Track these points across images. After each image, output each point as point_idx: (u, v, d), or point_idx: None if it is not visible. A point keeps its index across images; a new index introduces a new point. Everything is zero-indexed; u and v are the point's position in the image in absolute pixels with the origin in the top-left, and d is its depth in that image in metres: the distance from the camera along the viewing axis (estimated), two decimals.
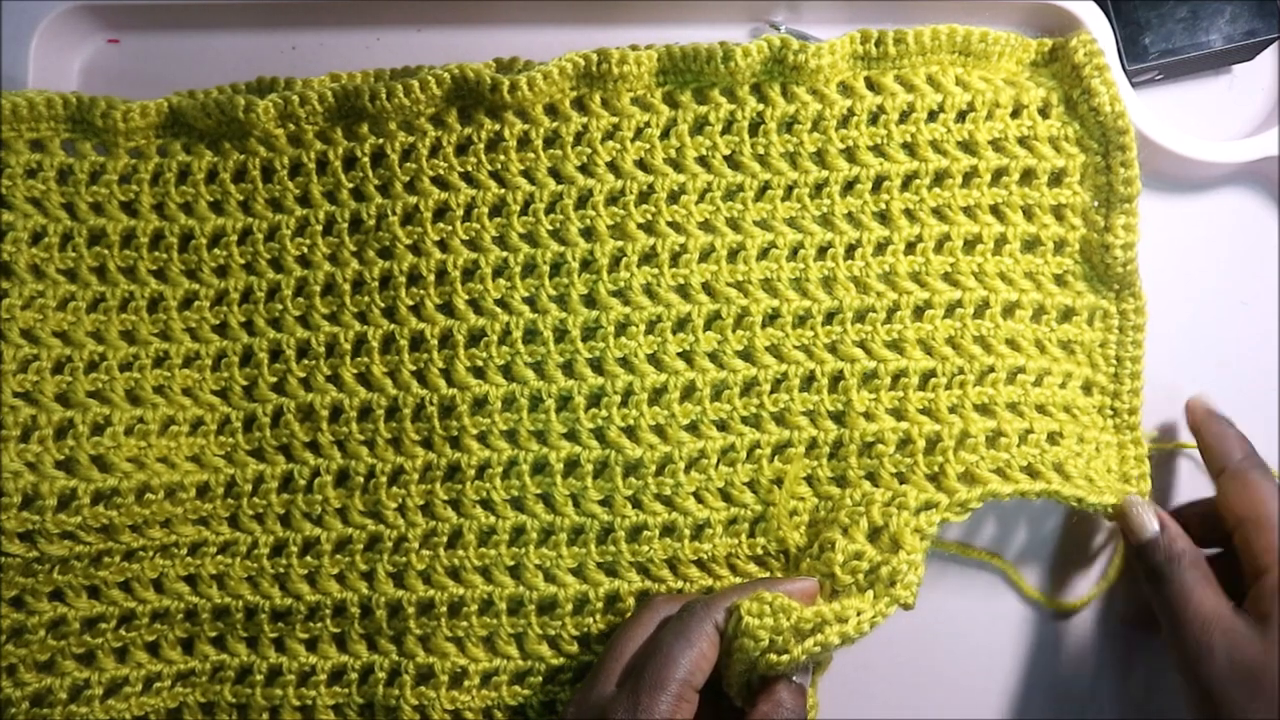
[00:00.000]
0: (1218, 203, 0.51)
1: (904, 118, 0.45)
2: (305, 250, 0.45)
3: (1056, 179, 0.46)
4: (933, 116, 0.45)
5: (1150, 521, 0.42)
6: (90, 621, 0.43)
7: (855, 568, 0.40)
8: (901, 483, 0.43)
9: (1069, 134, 0.46)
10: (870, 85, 0.46)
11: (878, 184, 0.45)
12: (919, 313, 0.45)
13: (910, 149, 0.45)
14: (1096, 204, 0.46)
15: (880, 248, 0.45)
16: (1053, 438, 0.44)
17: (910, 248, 0.45)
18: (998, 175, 0.46)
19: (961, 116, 0.46)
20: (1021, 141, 0.46)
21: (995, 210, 0.46)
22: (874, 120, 0.45)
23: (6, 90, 0.45)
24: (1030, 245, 0.46)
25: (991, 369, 0.44)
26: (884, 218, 0.45)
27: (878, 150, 0.45)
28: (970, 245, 0.45)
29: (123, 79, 0.50)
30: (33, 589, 0.42)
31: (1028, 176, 0.46)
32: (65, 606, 0.43)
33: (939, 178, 0.45)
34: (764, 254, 0.45)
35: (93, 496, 0.42)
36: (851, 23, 0.49)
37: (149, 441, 0.44)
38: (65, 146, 0.45)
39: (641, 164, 0.44)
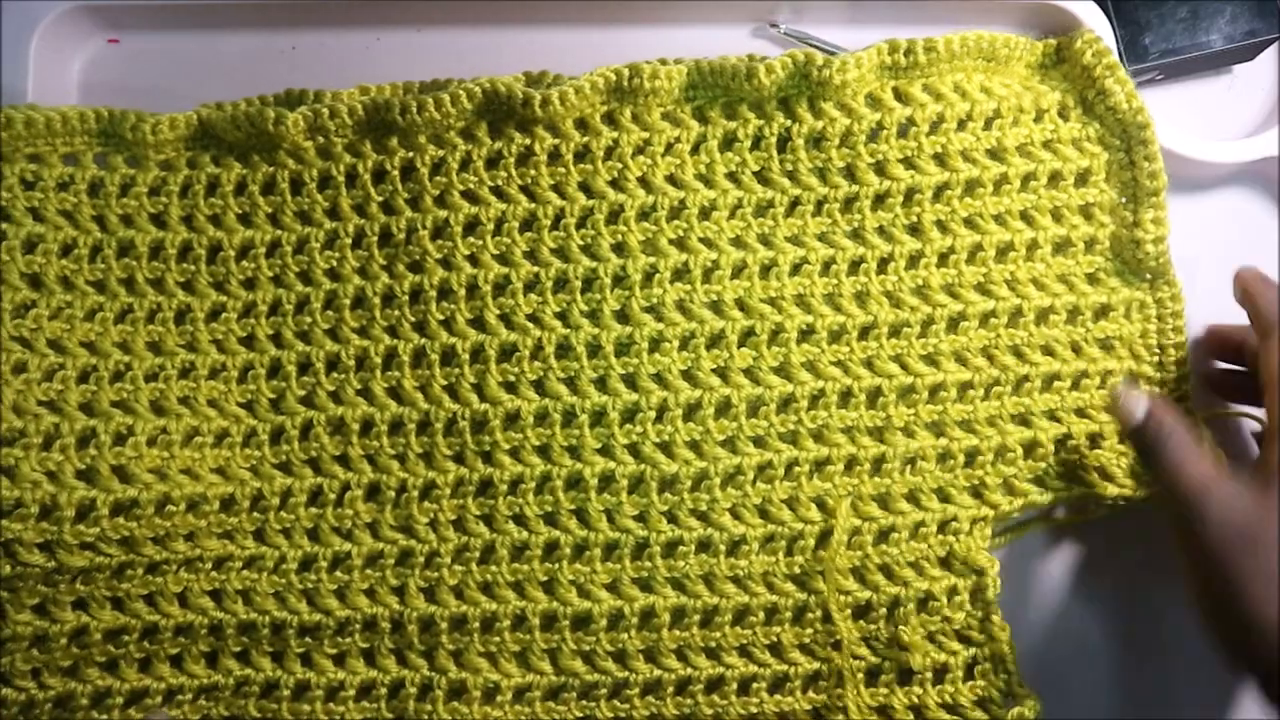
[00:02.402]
0: (1218, 203, 0.52)
1: (934, 128, 0.45)
2: (334, 263, 0.45)
3: (1082, 179, 0.46)
4: (961, 125, 0.45)
5: (1138, 406, 0.43)
6: (113, 633, 0.43)
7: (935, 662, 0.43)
8: (942, 499, 0.44)
9: (1090, 134, 0.46)
10: (898, 96, 0.45)
11: (909, 196, 0.45)
12: (953, 325, 0.45)
13: (941, 160, 0.45)
14: (1124, 200, 0.46)
15: (913, 261, 0.45)
16: (1094, 440, 0.44)
17: (943, 259, 0.45)
18: (1026, 180, 0.46)
19: (988, 124, 0.46)
20: (1046, 145, 0.46)
21: (1025, 216, 0.46)
22: (903, 133, 0.45)
23: (38, 103, 0.45)
24: (1060, 247, 0.46)
25: (1026, 378, 0.45)
26: (916, 230, 0.45)
27: (908, 163, 0.45)
28: (1002, 253, 0.46)
29: (123, 79, 0.50)
30: (54, 598, 0.42)
31: (1054, 179, 0.46)
32: (88, 617, 0.42)
33: (970, 187, 0.45)
34: (796, 269, 0.45)
35: (112, 508, 0.42)
36: (851, 23, 0.50)
37: (172, 453, 0.43)
38: (96, 160, 0.45)
39: (672, 179, 0.44)
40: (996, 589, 0.43)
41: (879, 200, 0.45)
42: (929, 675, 0.43)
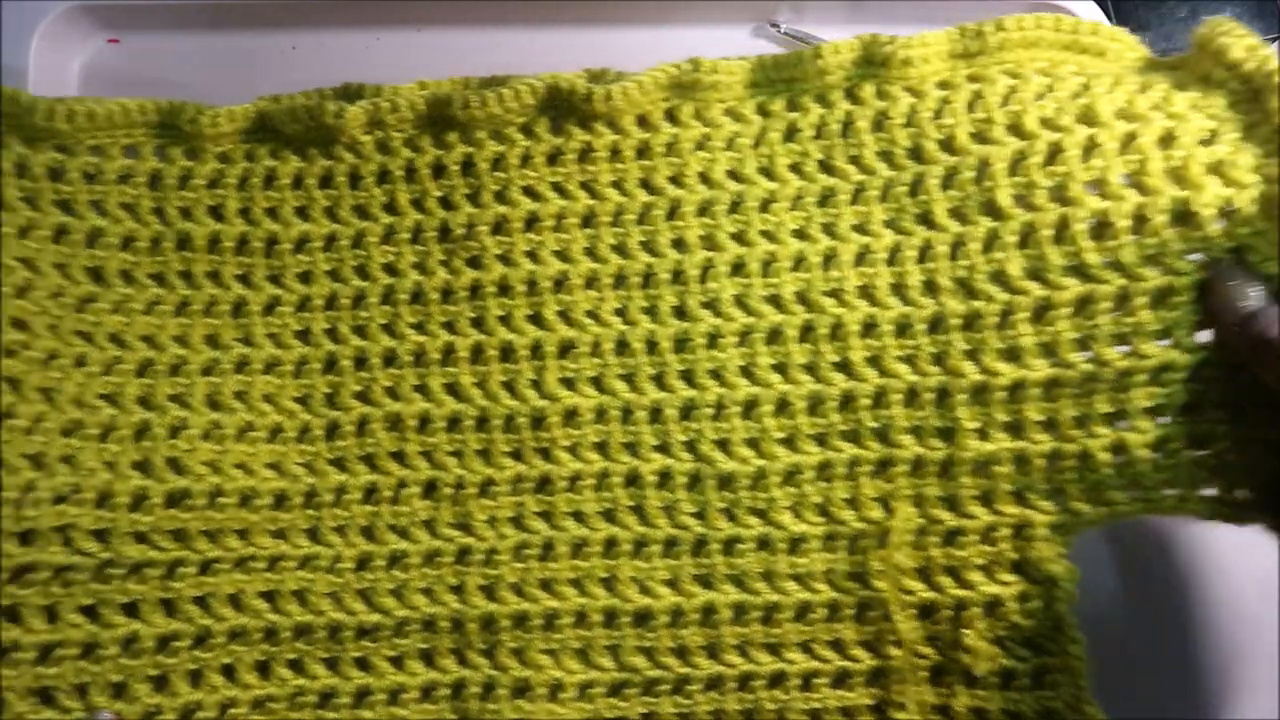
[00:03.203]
0: None
1: (1006, 99, 0.42)
2: (392, 258, 0.45)
3: (1209, 140, 0.39)
4: (1040, 96, 0.42)
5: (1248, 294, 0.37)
6: (164, 640, 0.42)
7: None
8: (1020, 502, 0.42)
9: (1214, 101, 0.40)
10: (970, 78, 0.43)
11: (982, 173, 0.42)
12: (1039, 314, 0.41)
13: (1016, 130, 0.41)
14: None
15: (989, 243, 0.41)
16: (1199, 441, 0.40)
17: (1025, 240, 0.41)
18: (1128, 142, 0.40)
19: (1078, 93, 0.42)
20: (1155, 108, 0.40)
21: (1134, 181, 0.39)
22: (972, 106, 0.43)
23: (91, 96, 0.45)
24: (1182, 217, 0.39)
25: (1129, 373, 0.40)
26: (992, 209, 0.41)
27: (979, 136, 0.42)
28: (1101, 228, 0.40)
29: (123, 79, 0.50)
30: (107, 598, 0.41)
31: (1167, 141, 0.40)
32: (139, 622, 0.41)
33: (1053, 154, 0.41)
34: (860, 259, 0.43)
35: (165, 498, 0.41)
36: (852, 23, 0.50)
37: (225, 447, 0.43)
38: (156, 152, 0.45)
39: (733, 174, 0.44)
40: (1072, 599, 0.41)
41: (948, 179, 0.42)
42: (994, 680, 0.42)
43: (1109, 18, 0.49)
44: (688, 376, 0.44)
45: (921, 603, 0.43)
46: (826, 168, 0.44)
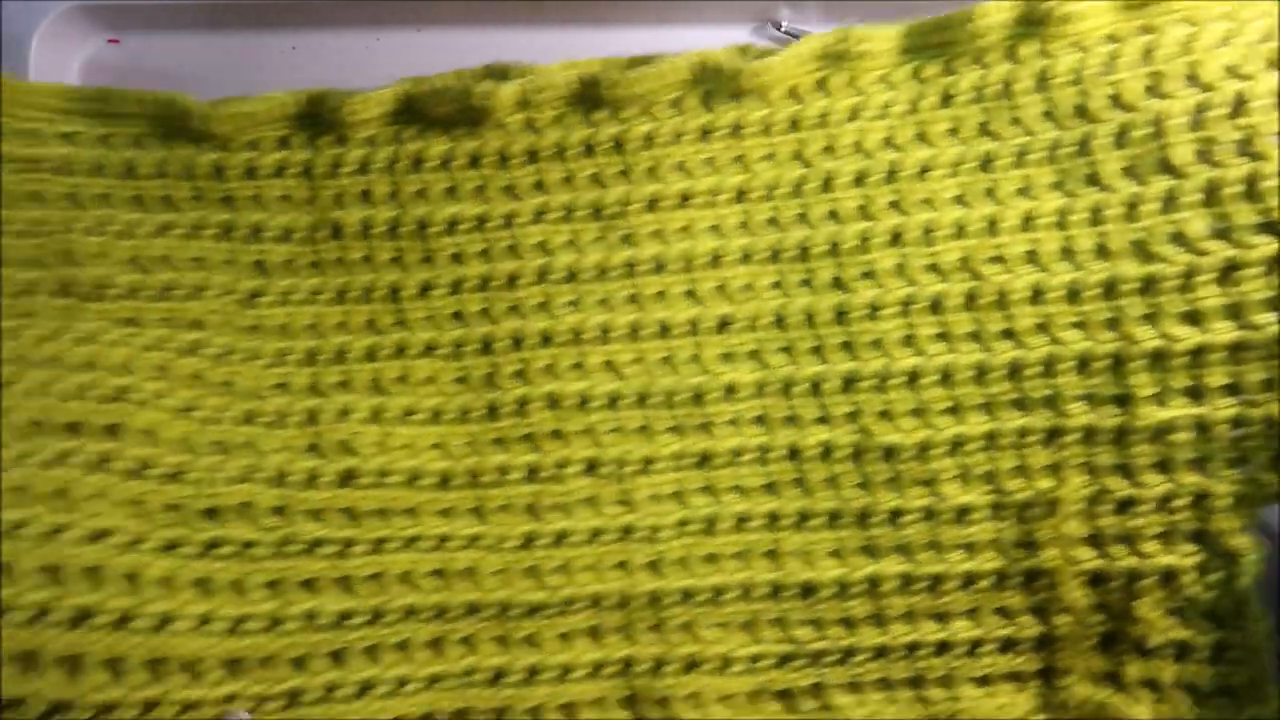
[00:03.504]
0: None
1: (1184, 50, 0.40)
2: (544, 238, 0.44)
3: None
4: (1225, 43, 0.40)
5: None
6: (342, 616, 0.42)
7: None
8: (1200, 470, 0.40)
9: None
10: (1144, 32, 0.42)
11: (1156, 128, 0.40)
12: (1226, 275, 0.39)
13: (1195, 81, 0.40)
14: None
15: (1166, 203, 0.40)
16: None
17: (1209, 198, 0.39)
18: None
19: (1265, 39, 0.40)
20: None
21: None
22: (1145, 59, 0.41)
23: (240, 96, 0.45)
24: None
25: None
26: (1168, 167, 0.40)
27: (1153, 90, 0.40)
28: None
29: (123, 79, 0.49)
30: (287, 575, 0.42)
31: None
32: (318, 598, 0.42)
33: (1240, 104, 0.39)
34: (1025, 224, 0.42)
35: (336, 478, 0.42)
36: (856, 20, 0.48)
37: (389, 429, 0.43)
38: (306, 141, 0.45)
39: (887, 142, 0.44)
40: (1256, 574, 0.40)
41: (1119, 137, 0.41)
42: (1169, 652, 0.42)
43: None
44: (848, 348, 0.43)
45: (1092, 571, 0.43)
46: (986, 131, 0.43)
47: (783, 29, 0.49)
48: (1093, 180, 0.42)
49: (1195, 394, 0.40)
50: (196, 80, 0.47)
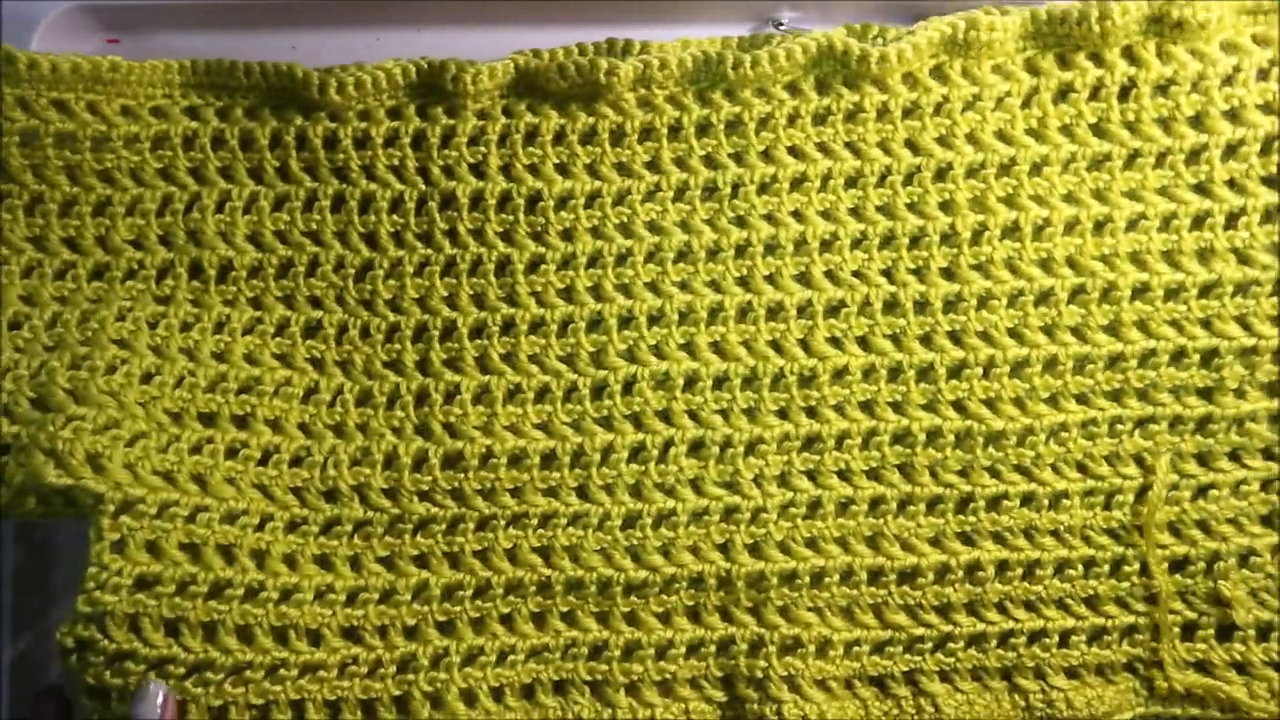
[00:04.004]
0: None
1: None
2: (655, 216, 0.44)
3: None
4: None
5: None
6: (450, 590, 0.43)
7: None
8: (1267, 458, 0.44)
9: None
10: (1257, 40, 0.44)
11: (1267, 145, 0.43)
12: None
13: None
14: None
15: (1268, 215, 0.43)
16: None
17: None
18: None
19: None
20: None
21: None
22: (1264, 75, 0.43)
23: (353, 64, 0.45)
24: None
25: None
26: (1273, 183, 0.43)
27: (1268, 108, 0.43)
28: None
29: None
30: (400, 550, 0.43)
31: None
32: (428, 572, 0.43)
33: None
34: (1132, 225, 0.44)
35: (442, 460, 0.43)
36: (856, 20, 0.49)
37: (495, 410, 0.43)
38: (418, 112, 0.44)
39: (1002, 135, 0.44)
40: None
41: (1231, 150, 0.44)
42: (1252, 633, 0.44)
43: None
44: (956, 337, 0.44)
45: (1174, 557, 0.44)
46: (1100, 131, 0.44)
47: (782, 29, 0.49)
48: (1199, 189, 0.44)
49: (1272, 389, 0.44)
50: None
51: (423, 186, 0.44)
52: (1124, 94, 0.44)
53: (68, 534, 0.46)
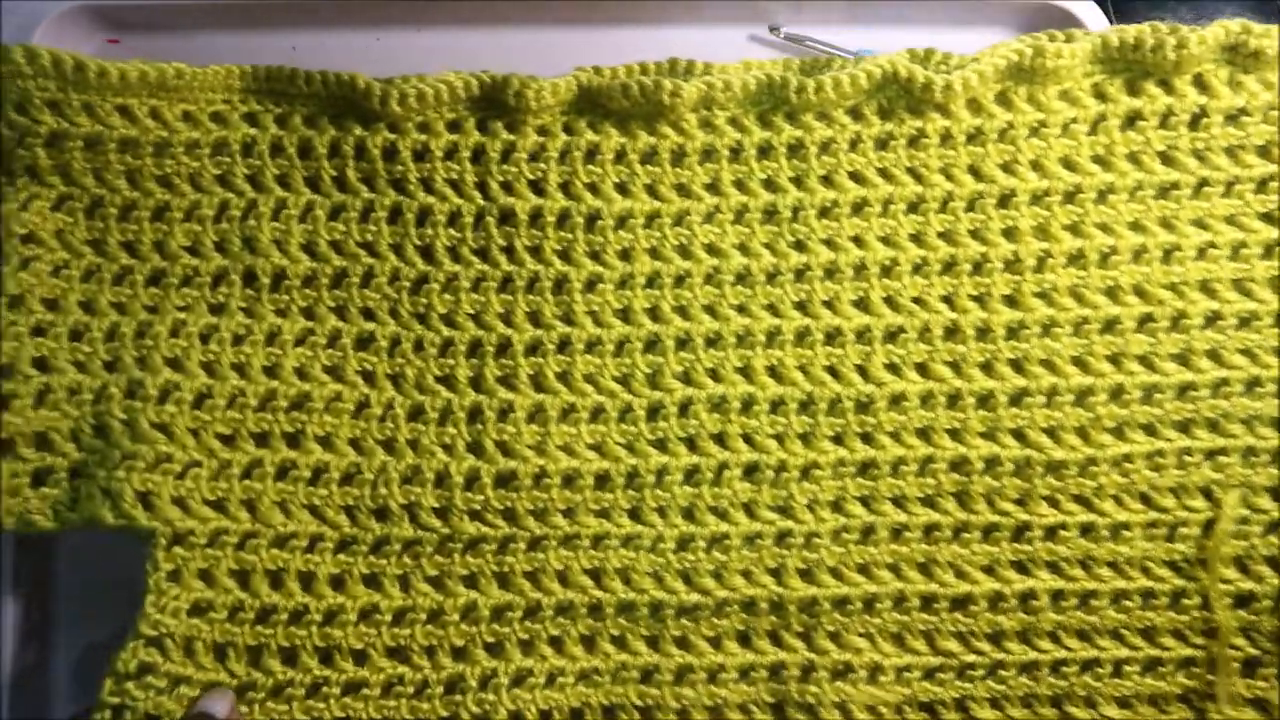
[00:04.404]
0: None
1: None
2: (714, 238, 0.44)
3: None
4: None
5: None
6: (499, 610, 0.43)
7: None
8: None
9: None
10: None
11: None
12: None
13: None
14: None
15: None
16: None
17: None
18: None
19: None
20: None
21: None
22: None
23: (416, 76, 0.44)
24: None
25: None
26: None
27: None
28: None
29: None
30: (449, 570, 0.42)
31: None
32: (477, 593, 0.42)
33: None
34: (1201, 254, 0.44)
35: (495, 479, 0.43)
36: (852, 23, 0.50)
37: (549, 429, 0.43)
38: (478, 126, 0.44)
39: (1067, 162, 0.44)
40: None
41: None
42: None
43: (1109, 19, 0.49)
44: (1018, 364, 0.44)
45: (1238, 593, 0.43)
46: (1167, 159, 0.44)
47: (782, 34, 0.49)
48: (1268, 218, 0.44)
49: None
50: None
51: (481, 201, 0.44)
52: (1195, 122, 0.44)
53: (70, 544, 0.46)
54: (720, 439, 0.44)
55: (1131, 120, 0.44)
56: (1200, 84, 0.44)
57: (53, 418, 0.41)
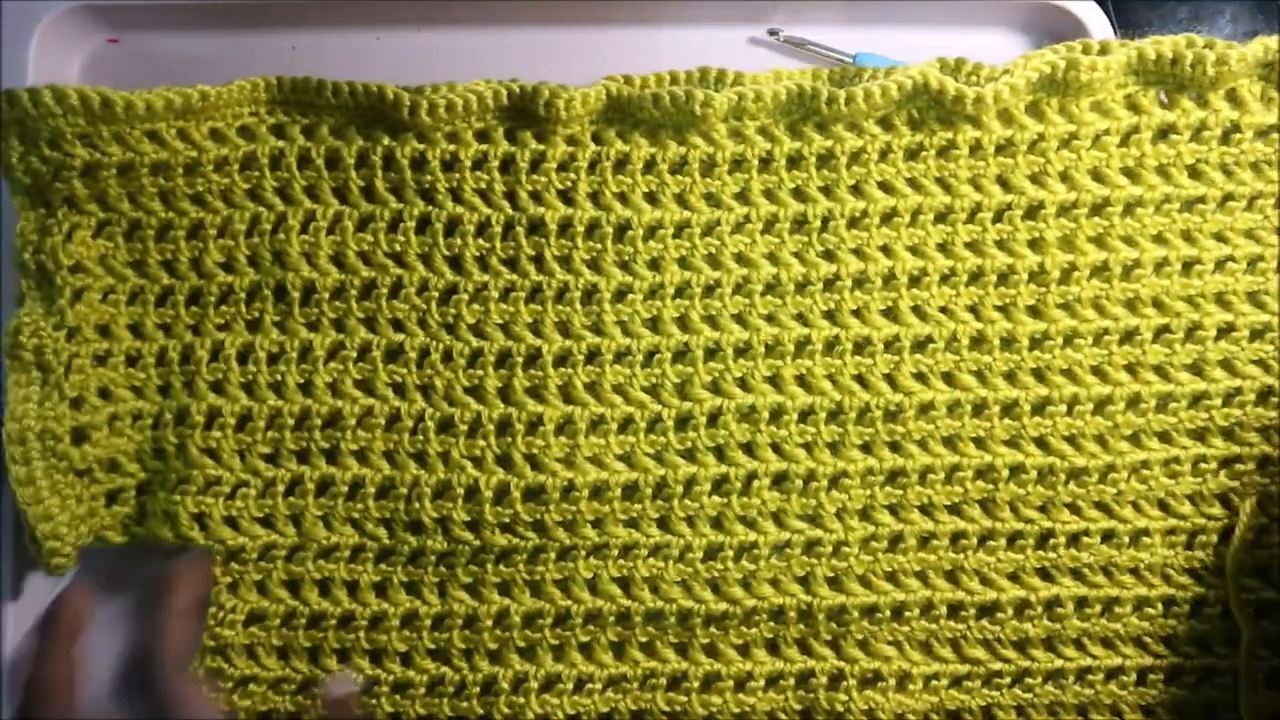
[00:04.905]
0: None
1: None
2: (744, 248, 0.44)
3: None
4: None
5: None
6: (530, 617, 0.43)
7: None
8: None
9: None
10: None
11: None
12: None
13: None
14: None
15: None
16: None
17: None
18: None
19: None
20: None
21: None
22: None
23: (445, 85, 0.44)
24: None
25: None
26: None
27: None
28: None
29: (122, 79, 0.48)
30: (482, 579, 0.43)
31: None
32: (509, 600, 0.43)
33: None
34: (1220, 267, 0.44)
35: (524, 492, 0.43)
36: (851, 24, 0.50)
37: (577, 441, 0.43)
38: (506, 136, 0.44)
39: (1095, 174, 0.44)
40: None
41: None
42: None
43: (1109, 19, 0.49)
44: (1040, 374, 0.44)
45: (1260, 602, 0.44)
46: (1195, 173, 0.44)
47: (781, 36, 0.49)
48: None
49: None
50: (196, 81, 0.46)
51: (510, 211, 0.44)
52: (1226, 137, 0.44)
53: None
54: (749, 448, 0.44)
55: (1164, 133, 0.44)
56: (1233, 98, 0.44)
57: (118, 444, 0.43)
